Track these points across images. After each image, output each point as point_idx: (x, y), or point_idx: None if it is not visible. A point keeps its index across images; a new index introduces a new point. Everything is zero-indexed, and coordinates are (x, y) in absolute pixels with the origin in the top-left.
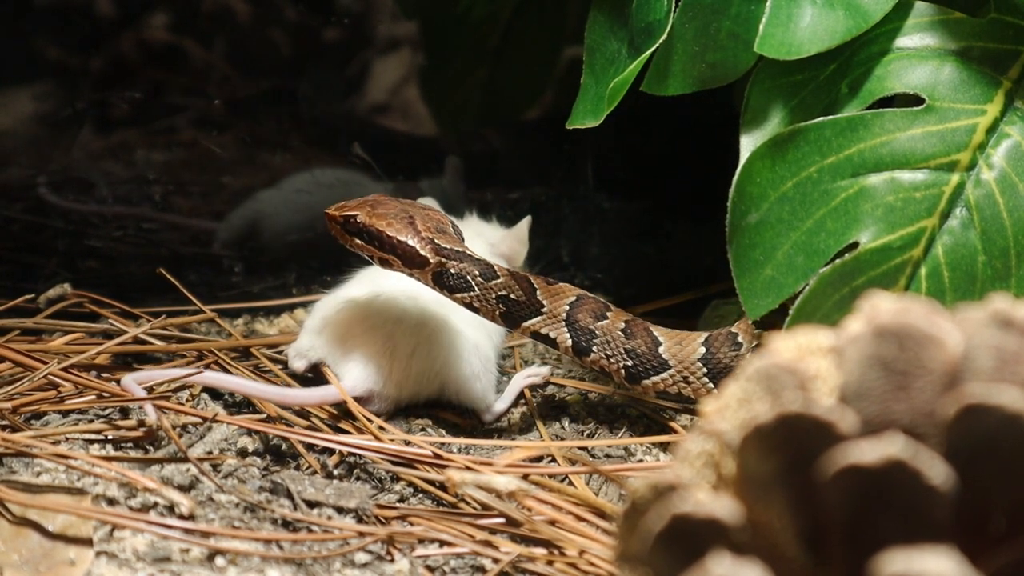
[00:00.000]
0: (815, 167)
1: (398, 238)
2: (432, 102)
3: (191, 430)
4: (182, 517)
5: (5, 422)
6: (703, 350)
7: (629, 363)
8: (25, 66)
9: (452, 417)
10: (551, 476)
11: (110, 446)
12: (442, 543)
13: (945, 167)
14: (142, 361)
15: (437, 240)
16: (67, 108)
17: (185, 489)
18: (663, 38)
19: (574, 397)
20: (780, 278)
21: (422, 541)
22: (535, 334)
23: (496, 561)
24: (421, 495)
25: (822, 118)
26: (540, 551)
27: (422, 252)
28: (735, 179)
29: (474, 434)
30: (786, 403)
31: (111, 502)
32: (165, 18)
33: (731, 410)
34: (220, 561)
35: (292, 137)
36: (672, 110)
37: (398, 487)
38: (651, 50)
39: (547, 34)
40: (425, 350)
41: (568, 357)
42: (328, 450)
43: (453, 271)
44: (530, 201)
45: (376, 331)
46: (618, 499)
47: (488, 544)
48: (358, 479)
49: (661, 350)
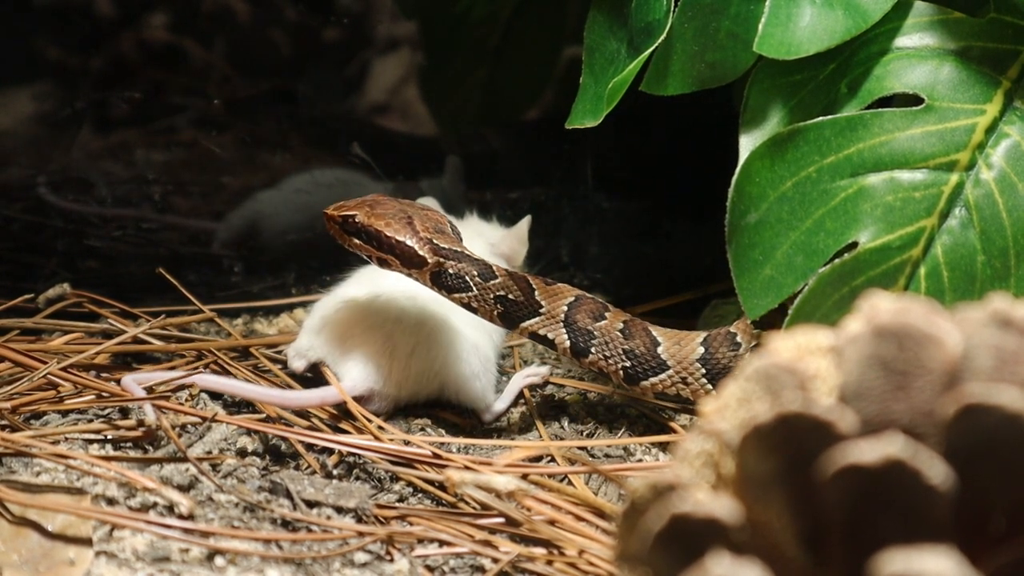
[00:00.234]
0: (814, 167)
1: (396, 238)
2: (432, 102)
3: (190, 430)
4: (181, 517)
5: (5, 422)
6: (702, 350)
7: (627, 364)
8: (25, 66)
9: (451, 417)
10: (550, 476)
11: (109, 446)
12: (441, 543)
13: (944, 167)
14: (141, 361)
15: (435, 240)
16: (67, 108)
17: (184, 489)
18: (662, 38)
19: (573, 397)
20: (779, 278)
21: (421, 541)
22: (533, 335)
23: (496, 561)
24: (420, 495)
25: (821, 118)
26: (539, 551)
27: (420, 252)
28: (734, 179)
29: (473, 434)
30: (785, 403)
31: (110, 502)
32: (165, 18)
33: (730, 410)
34: (219, 561)
35: (292, 137)
36: (671, 110)
37: (397, 487)
38: (650, 50)
39: (547, 34)
40: (424, 350)
41: (566, 358)
42: (327, 450)
43: (451, 271)
44: (530, 201)
45: (375, 331)
46: (617, 499)
47: (487, 544)
48: (357, 479)
49: (660, 350)
